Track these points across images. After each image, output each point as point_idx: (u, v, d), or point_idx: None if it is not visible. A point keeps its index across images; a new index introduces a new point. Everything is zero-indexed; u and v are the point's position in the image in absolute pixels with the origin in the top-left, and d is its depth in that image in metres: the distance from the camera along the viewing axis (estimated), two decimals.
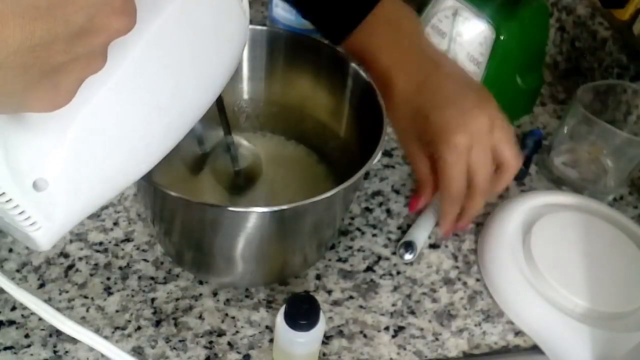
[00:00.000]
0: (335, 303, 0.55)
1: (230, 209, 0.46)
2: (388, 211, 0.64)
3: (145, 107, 0.33)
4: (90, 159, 0.31)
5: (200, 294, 0.54)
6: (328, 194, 0.46)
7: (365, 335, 0.53)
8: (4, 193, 0.28)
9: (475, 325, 0.55)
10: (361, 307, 0.55)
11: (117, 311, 0.53)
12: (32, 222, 0.30)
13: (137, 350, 0.50)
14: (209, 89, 0.38)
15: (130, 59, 0.31)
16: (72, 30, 0.23)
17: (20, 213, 0.29)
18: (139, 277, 0.55)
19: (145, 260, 0.57)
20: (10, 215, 0.29)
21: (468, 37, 0.68)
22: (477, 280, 0.59)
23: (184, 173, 0.59)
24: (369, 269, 0.58)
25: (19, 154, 0.29)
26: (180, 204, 0.48)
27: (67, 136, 0.30)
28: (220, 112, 0.50)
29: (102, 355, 0.49)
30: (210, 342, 0.51)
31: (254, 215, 0.47)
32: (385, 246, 0.60)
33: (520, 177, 0.69)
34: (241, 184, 0.58)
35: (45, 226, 0.31)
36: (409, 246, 0.58)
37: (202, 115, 0.38)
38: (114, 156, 0.32)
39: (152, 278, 0.55)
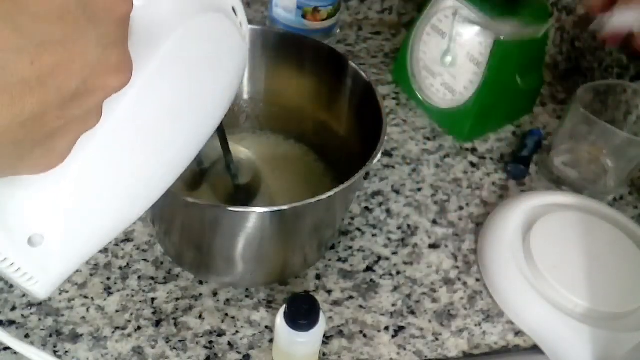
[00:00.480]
0: (335, 303, 0.55)
1: (231, 209, 0.46)
2: (388, 211, 0.64)
3: (142, 151, 0.31)
4: (87, 209, 0.30)
5: (200, 294, 0.54)
6: (328, 194, 0.46)
7: (365, 335, 0.53)
8: None
9: (475, 325, 0.55)
10: (361, 307, 0.55)
11: (117, 311, 0.53)
12: (29, 277, 0.29)
13: (137, 350, 0.50)
14: (208, 121, 0.36)
15: (125, 104, 0.29)
16: (65, 97, 0.21)
17: (16, 270, 0.28)
18: (139, 277, 0.55)
19: (145, 260, 0.57)
20: (5, 272, 0.28)
21: (468, 37, 0.68)
22: (477, 280, 0.59)
23: (182, 190, 0.58)
24: (369, 269, 0.58)
25: (13, 211, 0.27)
26: (180, 204, 0.48)
27: (61, 190, 0.28)
28: (220, 136, 0.49)
29: (102, 356, 0.50)
30: (210, 342, 0.51)
31: (254, 215, 0.47)
32: (385, 246, 0.60)
33: (520, 177, 0.69)
34: (241, 199, 0.57)
35: (42, 279, 0.29)
36: None
37: (202, 146, 0.36)
38: (111, 204, 0.31)
39: (152, 278, 0.55)
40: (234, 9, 0.35)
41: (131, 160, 0.31)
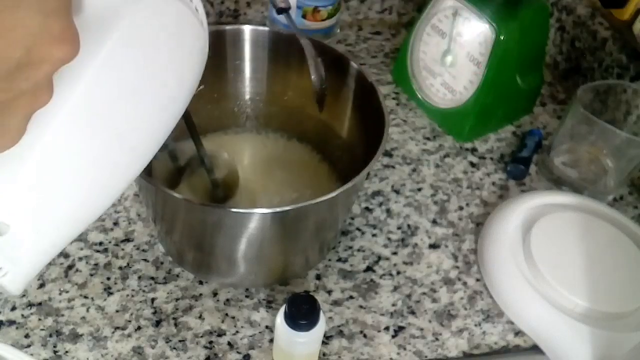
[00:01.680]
0: (335, 303, 0.55)
1: (233, 210, 0.46)
2: (388, 211, 0.64)
3: (104, 136, 0.31)
4: (51, 196, 0.29)
5: (200, 294, 0.54)
6: (331, 195, 0.46)
7: (365, 335, 0.53)
8: None
9: (475, 325, 0.55)
10: (361, 307, 0.55)
11: (117, 311, 0.53)
12: None
13: (137, 350, 0.50)
14: (171, 107, 0.36)
15: (81, 87, 0.28)
16: (8, 67, 0.21)
17: None
18: (139, 277, 0.55)
19: (145, 260, 0.57)
20: None
21: (468, 37, 0.68)
22: (477, 280, 0.59)
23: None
24: (369, 269, 0.58)
25: None
26: (182, 205, 0.48)
27: (21, 175, 0.28)
28: (190, 127, 0.49)
29: (102, 356, 0.50)
30: (210, 342, 0.51)
31: (256, 216, 0.47)
32: (385, 246, 0.60)
33: (520, 177, 0.69)
34: (220, 195, 0.57)
35: (12, 271, 0.29)
36: None
37: (169, 134, 0.36)
38: (77, 190, 0.31)
39: (152, 278, 0.55)
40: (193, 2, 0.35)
41: (92, 145, 0.30)
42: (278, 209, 0.45)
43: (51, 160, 0.29)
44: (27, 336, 0.50)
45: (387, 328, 0.54)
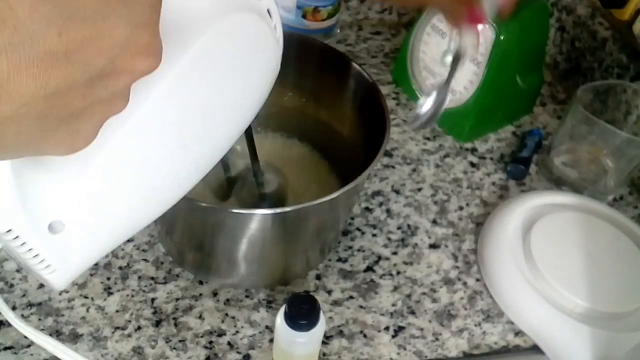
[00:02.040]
0: (335, 303, 0.55)
1: (234, 211, 0.46)
2: (388, 211, 0.64)
3: (170, 146, 0.31)
4: (110, 200, 0.30)
5: (200, 294, 0.54)
6: (332, 196, 0.45)
7: (365, 335, 0.53)
8: (17, 236, 0.26)
9: (475, 325, 0.55)
10: (361, 307, 0.55)
11: (117, 311, 0.53)
12: (47, 265, 0.28)
13: (137, 350, 0.50)
14: (238, 122, 0.36)
15: (154, 96, 0.28)
16: (91, 75, 0.21)
17: (34, 256, 0.28)
18: (139, 277, 0.55)
19: (145, 260, 0.57)
20: (23, 257, 0.28)
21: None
22: (477, 280, 0.59)
23: (211, 200, 0.57)
24: (369, 269, 0.58)
25: (35, 195, 0.27)
26: (184, 205, 0.48)
27: (85, 177, 0.28)
28: (249, 141, 0.49)
29: (102, 356, 0.50)
30: (210, 342, 0.51)
31: (257, 217, 0.47)
32: (385, 246, 0.60)
33: (520, 177, 0.69)
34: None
35: (60, 268, 0.29)
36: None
37: (229, 148, 0.36)
38: (135, 196, 0.31)
39: (152, 278, 0.55)
40: (269, 12, 0.35)
41: (158, 154, 0.30)
42: (279, 210, 0.45)
43: (114, 165, 0.29)
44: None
45: (387, 328, 0.54)
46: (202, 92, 0.31)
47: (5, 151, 0.22)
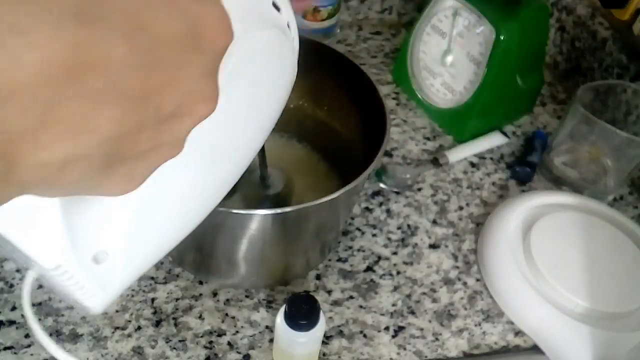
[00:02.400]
0: (335, 303, 0.55)
1: (234, 211, 0.46)
2: (388, 211, 0.64)
3: (203, 166, 0.31)
4: (146, 226, 0.30)
5: (200, 294, 0.54)
6: (332, 197, 0.45)
7: (365, 335, 0.53)
8: (60, 265, 0.27)
9: (475, 325, 0.55)
10: (361, 307, 0.55)
11: (117, 311, 0.53)
12: (86, 292, 0.29)
13: (137, 350, 0.50)
14: (262, 134, 0.36)
15: None
16: (160, 119, 0.21)
17: (78, 287, 0.28)
18: (139, 277, 0.55)
19: None
20: (64, 285, 0.28)
21: (468, 37, 0.68)
22: (477, 280, 0.59)
23: None
24: (369, 269, 0.58)
25: (82, 229, 0.27)
26: None
27: (129, 207, 0.28)
28: (261, 151, 0.50)
29: (102, 356, 0.50)
30: (210, 342, 0.51)
31: (257, 217, 0.46)
32: (385, 246, 0.60)
33: (526, 180, 0.69)
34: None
35: (99, 296, 0.29)
36: None
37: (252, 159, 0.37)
38: (168, 221, 0.31)
39: (152, 278, 0.55)
40: (288, 24, 0.35)
41: (191, 178, 0.31)
42: (279, 210, 0.45)
43: (154, 192, 0.29)
44: (27, 336, 0.50)
45: (387, 328, 0.54)
46: (232, 110, 0.31)
47: (65, 189, 0.22)
